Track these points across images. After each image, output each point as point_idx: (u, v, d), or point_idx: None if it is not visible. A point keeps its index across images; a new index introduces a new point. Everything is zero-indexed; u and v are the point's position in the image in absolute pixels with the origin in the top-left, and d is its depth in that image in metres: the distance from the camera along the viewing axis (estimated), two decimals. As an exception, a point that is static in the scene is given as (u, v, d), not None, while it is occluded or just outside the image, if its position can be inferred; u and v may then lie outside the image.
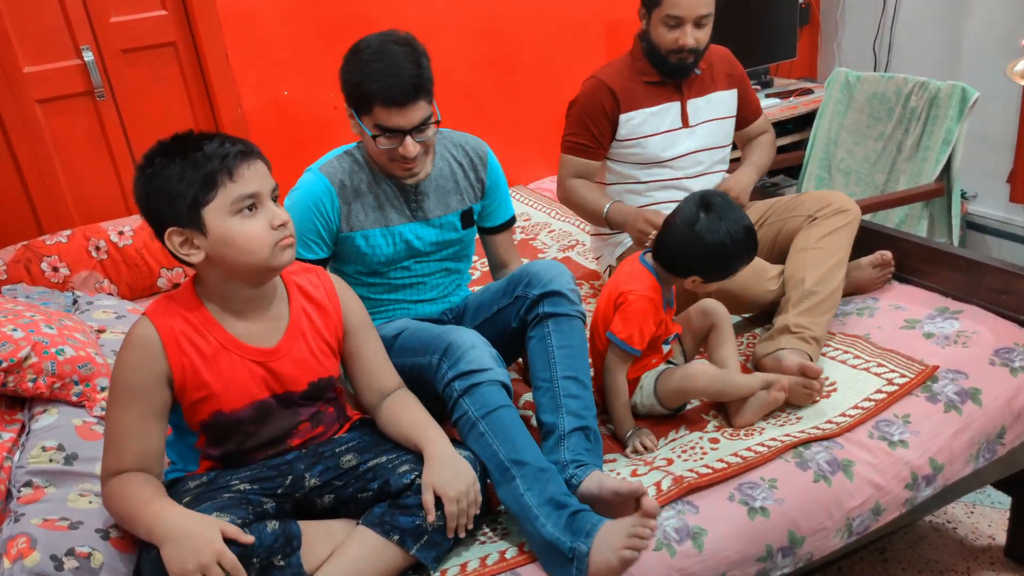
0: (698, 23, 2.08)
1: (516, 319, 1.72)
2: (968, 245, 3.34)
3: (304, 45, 2.86)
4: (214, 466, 1.45)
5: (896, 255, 2.12)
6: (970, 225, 3.36)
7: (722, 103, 2.28)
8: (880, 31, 3.57)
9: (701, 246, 1.69)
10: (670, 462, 1.62)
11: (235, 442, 1.44)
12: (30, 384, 1.61)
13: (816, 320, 1.89)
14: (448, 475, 1.41)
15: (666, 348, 1.83)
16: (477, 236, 2.00)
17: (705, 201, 1.72)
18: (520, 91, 3.32)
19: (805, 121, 3.35)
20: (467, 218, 1.90)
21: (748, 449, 1.59)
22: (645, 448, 1.69)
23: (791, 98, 3.55)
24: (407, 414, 1.53)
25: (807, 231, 2.04)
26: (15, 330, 1.64)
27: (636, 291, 1.73)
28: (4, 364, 1.58)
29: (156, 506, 1.27)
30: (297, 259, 1.68)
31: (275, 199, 1.37)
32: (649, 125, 2.20)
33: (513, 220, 2.01)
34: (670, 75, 2.18)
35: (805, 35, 3.87)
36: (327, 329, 1.51)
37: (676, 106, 2.22)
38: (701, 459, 1.60)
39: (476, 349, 1.58)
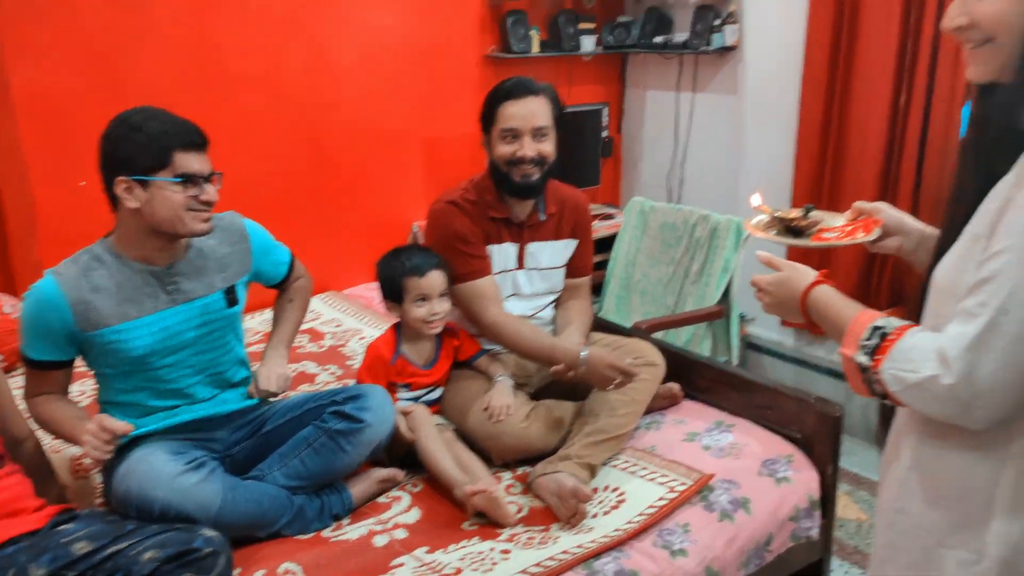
0: (536, 135, 2.08)
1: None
2: (748, 365, 3.66)
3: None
4: None
5: (682, 372, 2.29)
6: (749, 345, 3.69)
7: (562, 252, 2.28)
8: (673, 166, 3.96)
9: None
10: (458, 572, 1.60)
11: None
12: None
13: (596, 452, 1.93)
14: None
15: (405, 401, 2.07)
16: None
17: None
18: (337, 198, 3.34)
19: (608, 243, 3.59)
20: (231, 296, 1.88)
21: (538, 565, 1.61)
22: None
23: (595, 221, 3.81)
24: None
25: None
26: None
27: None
28: None
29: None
30: (28, 359, 1.74)
31: None
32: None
33: (292, 263, 2.09)
34: (516, 194, 2.14)
35: (609, 165, 4.21)
36: None
37: (514, 248, 2.20)
38: (490, 571, 1.60)
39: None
